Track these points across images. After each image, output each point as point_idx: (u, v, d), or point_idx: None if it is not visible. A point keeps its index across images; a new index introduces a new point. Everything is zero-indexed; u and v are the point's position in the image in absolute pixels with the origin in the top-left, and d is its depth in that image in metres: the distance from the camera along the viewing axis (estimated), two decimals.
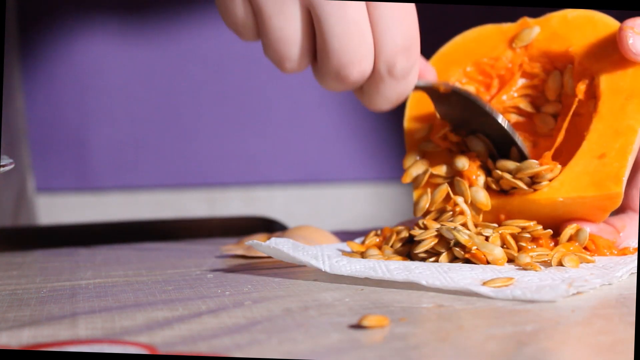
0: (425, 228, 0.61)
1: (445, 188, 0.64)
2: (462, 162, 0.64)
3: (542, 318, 0.48)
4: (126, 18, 1.19)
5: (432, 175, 0.65)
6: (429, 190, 0.64)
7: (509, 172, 0.63)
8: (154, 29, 1.19)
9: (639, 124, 0.61)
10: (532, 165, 0.62)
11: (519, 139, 0.64)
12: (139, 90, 1.19)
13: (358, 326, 0.47)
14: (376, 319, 0.47)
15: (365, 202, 1.22)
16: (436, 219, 0.63)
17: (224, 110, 1.20)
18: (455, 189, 0.64)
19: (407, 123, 0.68)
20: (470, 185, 0.64)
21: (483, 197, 0.63)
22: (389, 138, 1.21)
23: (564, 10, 0.66)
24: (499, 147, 0.65)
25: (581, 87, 0.63)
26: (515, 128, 0.66)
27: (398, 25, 0.59)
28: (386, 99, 0.61)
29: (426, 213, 0.64)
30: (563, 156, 0.63)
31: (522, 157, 0.64)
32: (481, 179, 0.64)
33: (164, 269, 0.64)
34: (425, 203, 0.64)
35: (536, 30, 0.66)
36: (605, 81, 0.63)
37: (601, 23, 0.64)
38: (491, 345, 0.44)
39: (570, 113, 0.64)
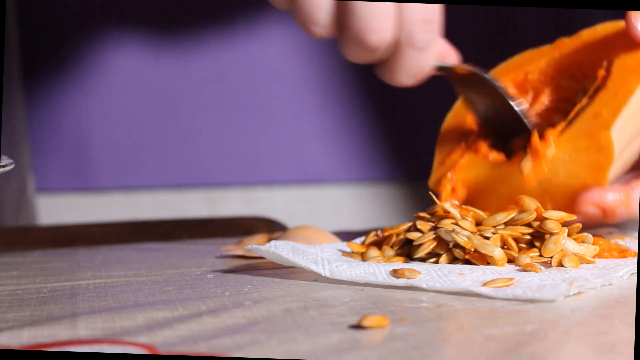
0: (422, 232, 0.61)
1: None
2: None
3: (542, 318, 0.48)
4: (127, 18, 1.19)
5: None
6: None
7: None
8: (154, 29, 1.19)
9: (638, 84, 0.63)
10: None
11: (530, 123, 0.67)
12: (139, 90, 1.19)
13: (358, 326, 0.47)
14: (376, 319, 0.47)
15: (365, 202, 1.22)
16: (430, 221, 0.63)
17: (224, 110, 1.20)
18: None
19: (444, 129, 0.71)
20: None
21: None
22: (390, 139, 1.20)
23: (595, 25, 0.70)
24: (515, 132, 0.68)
25: (601, 72, 0.66)
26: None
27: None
28: (406, 71, 0.63)
29: (419, 217, 0.64)
30: None
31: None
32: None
33: (164, 269, 0.64)
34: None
35: None
36: (617, 63, 0.66)
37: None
38: (491, 345, 0.44)
39: (589, 94, 0.66)
